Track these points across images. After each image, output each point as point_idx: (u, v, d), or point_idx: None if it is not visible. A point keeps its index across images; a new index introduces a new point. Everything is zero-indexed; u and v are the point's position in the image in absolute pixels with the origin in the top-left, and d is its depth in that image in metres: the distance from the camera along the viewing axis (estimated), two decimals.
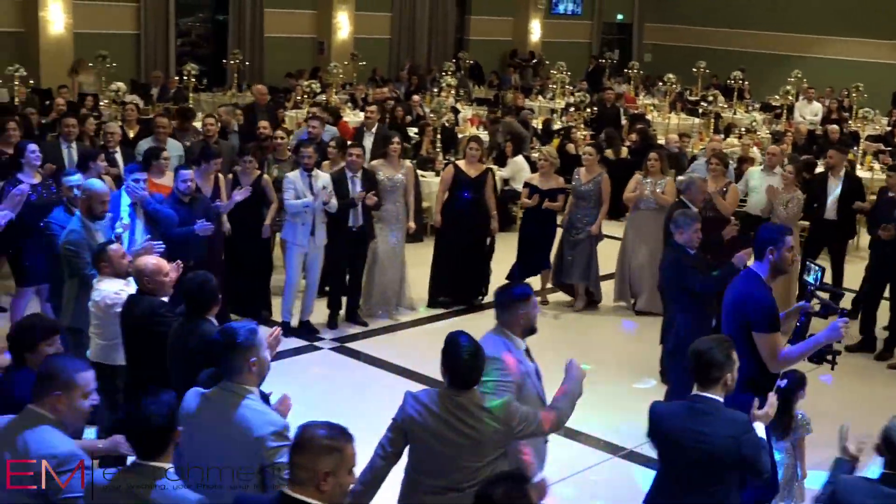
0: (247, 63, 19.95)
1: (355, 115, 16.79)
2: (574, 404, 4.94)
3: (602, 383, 7.96)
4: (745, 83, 20.46)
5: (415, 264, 10.55)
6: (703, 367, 4.53)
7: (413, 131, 15.56)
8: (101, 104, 14.92)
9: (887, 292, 9.80)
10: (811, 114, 19.59)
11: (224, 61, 19.79)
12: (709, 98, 18.38)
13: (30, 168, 8.56)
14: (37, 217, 7.98)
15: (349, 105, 18.24)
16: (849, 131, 16.93)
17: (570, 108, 17.48)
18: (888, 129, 18.46)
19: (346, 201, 9.44)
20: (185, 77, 16.52)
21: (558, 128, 16.71)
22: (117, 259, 6.28)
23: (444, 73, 18.72)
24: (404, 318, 10.16)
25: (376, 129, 12.31)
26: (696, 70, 20.95)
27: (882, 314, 9.80)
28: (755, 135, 15.42)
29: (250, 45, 21.18)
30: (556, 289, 10.95)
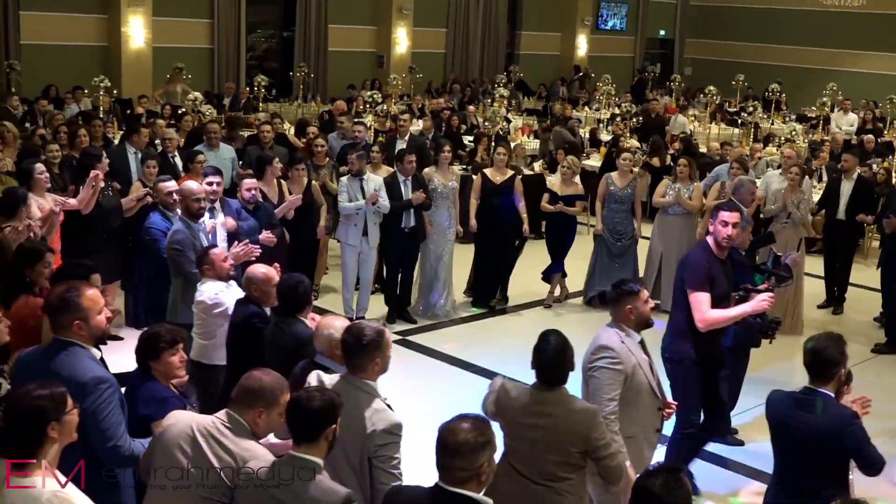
0: (311, 75, 20.40)
1: (413, 125, 16.88)
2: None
3: None
4: (782, 95, 20.28)
5: (460, 265, 10.49)
6: (820, 365, 4.59)
7: (468, 139, 15.63)
8: (179, 111, 15.15)
9: None
10: (847, 124, 19.44)
11: (291, 73, 20.16)
12: (748, 109, 18.23)
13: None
14: (101, 218, 8.21)
15: (407, 115, 18.29)
16: (883, 141, 16.73)
17: (616, 118, 17.46)
18: None
19: (402, 203, 9.45)
20: (256, 88, 16.76)
21: (607, 139, 16.64)
22: (219, 262, 6.24)
23: (497, 85, 18.78)
24: (453, 316, 10.11)
25: (432, 136, 12.33)
26: (734, 83, 20.85)
27: None
28: (794, 144, 15.29)
29: (315, 58, 21.47)
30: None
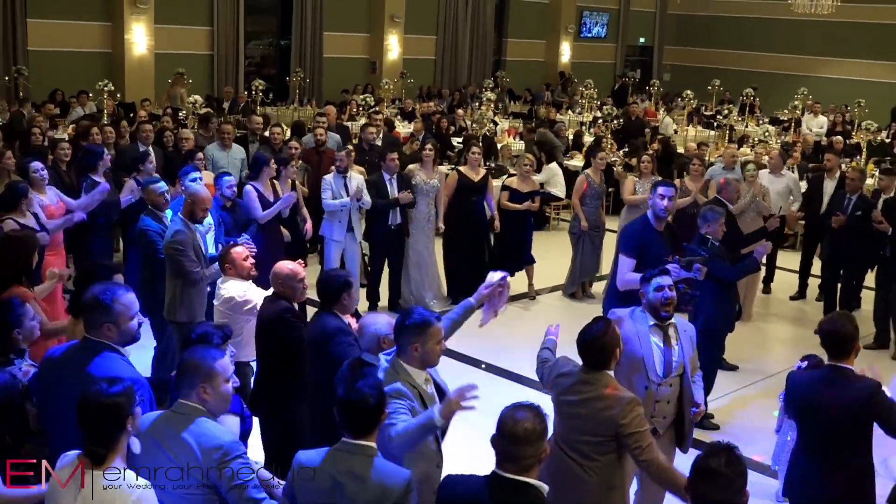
0: (307, 80, 20.38)
1: (404, 126, 16.89)
2: None
3: None
4: (756, 99, 20.25)
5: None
6: (838, 343, 4.69)
7: (457, 141, 15.55)
8: (180, 115, 15.05)
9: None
10: (817, 126, 19.44)
11: (287, 78, 20.12)
12: (724, 112, 18.21)
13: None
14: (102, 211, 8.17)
15: (399, 117, 18.29)
16: (851, 143, 16.69)
17: (598, 121, 17.40)
18: (888, 140, 18.14)
19: (389, 201, 9.29)
20: (254, 92, 16.64)
21: (590, 140, 16.56)
22: (240, 261, 6.05)
23: (484, 90, 18.72)
24: (438, 310, 9.90)
25: (422, 137, 12.28)
26: (710, 87, 20.81)
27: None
28: (767, 145, 15.25)
29: (311, 64, 21.41)
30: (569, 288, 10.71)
